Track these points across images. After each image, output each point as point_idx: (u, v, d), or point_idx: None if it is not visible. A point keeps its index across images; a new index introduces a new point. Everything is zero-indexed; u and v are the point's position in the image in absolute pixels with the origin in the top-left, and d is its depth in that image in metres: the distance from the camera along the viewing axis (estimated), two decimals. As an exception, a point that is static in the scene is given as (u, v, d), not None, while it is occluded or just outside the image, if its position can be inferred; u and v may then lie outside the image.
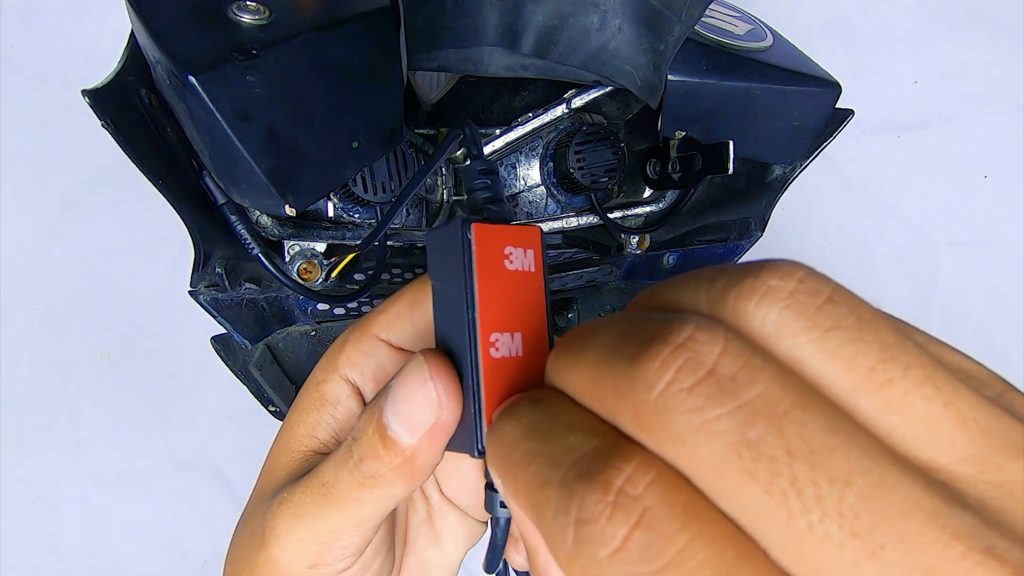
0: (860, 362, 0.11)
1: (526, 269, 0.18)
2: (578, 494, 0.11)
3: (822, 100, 0.32)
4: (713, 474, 0.11)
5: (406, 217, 0.35)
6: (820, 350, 0.11)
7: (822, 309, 0.11)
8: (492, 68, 0.30)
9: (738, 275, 0.12)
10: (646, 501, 0.11)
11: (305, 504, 0.20)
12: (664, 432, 0.11)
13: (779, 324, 0.11)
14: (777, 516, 0.10)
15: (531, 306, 0.19)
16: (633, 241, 0.39)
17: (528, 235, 0.19)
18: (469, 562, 0.26)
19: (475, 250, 0.17)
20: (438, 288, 0.19)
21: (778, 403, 0.11)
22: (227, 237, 0.29)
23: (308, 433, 0.22)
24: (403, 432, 0.18)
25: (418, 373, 0.18)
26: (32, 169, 0.49)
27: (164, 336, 0.50)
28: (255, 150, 0.22)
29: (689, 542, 0.10)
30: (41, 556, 0.49)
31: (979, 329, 0.53)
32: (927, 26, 0.54)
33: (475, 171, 0.20)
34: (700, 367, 0.11)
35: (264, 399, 0.38)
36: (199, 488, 0.50)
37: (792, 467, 0.10)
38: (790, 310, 0.11)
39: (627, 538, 0.11)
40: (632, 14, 0.29)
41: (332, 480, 0.19)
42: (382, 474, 0.18)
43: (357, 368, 0.22)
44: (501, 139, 0.35)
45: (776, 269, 0.12)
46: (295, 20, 0.23)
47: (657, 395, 0.11)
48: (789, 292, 0.11)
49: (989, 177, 0.54)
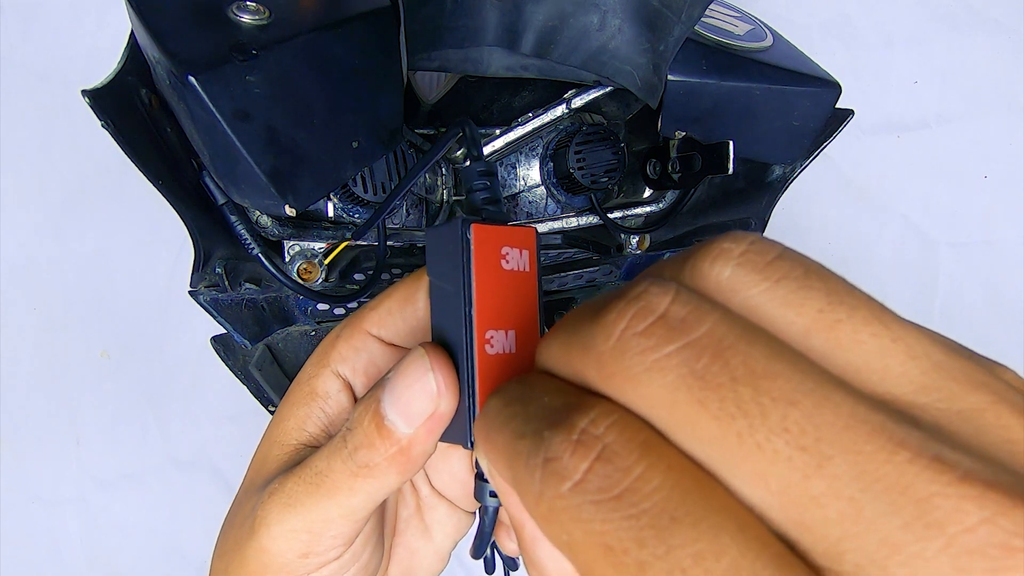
0: (809, 305, 0.12)
1: (521, 269, 0.19)
2: (546, 438, 0.12)
3: (822, 100, 0.32)
4: (667, 409, 0.11)
5: (406, 217, 0.35)
6: (771, 299, 0.12)
7: (771, 264, 0.12)
8: (492, 68, 0.30)
9: (695, 246, 0.13)
10: (606, 439, 0.12)
11: (297, 493, 0.20)
12: (622, 375, 0.12)
13: (732, 279, 0.12)
14: (728, 440, 0.11)
15: (525, 305, 0.19)
16: (633, 241, 0.39)
17: (524, 236, 0.19)
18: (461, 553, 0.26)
19: (474, 249, 0.18)
20: (436, 285, 0.19)
21: (723, 338, 0.11)
22: (227, 237, 0.29)
23: (298, 426, 0.23)
24: (400, 421, 0.18)
25: (419, 364, 0.18)
26: (32, 169, 0.49)
27: (164, 336, 0.50)
28: (255, 150, 0.22)
29: (645, 470, 0.11)
30: (41, 556, 0.49)
31: (979, 329, 0.53)
32: (927, 26, 0.54)
33: (475, 172, 0.20)
34: (652, 314, 0.12)
35: (264, 399, 0.37)
36: (199, 488, 0.50)
37: (737, 391, 0.11)
38: (742, 267, 0.12)
39: (588, 470, 0.11)
40: (632, 14, 0.29)
41: (325, 469, 0.19)
42: (376, 463, 0.19)
43: (348, 363, 0.23)
44: (501, 139, 0.35)
45: (728, 235, 0.13)
46: (295, 20, 0.23)
47: (614, 342, 0.12)
48: (740, 252, 0.12)
49: (989, 177, 0.54)
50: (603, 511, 0.11)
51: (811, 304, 0.12)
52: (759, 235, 0.13)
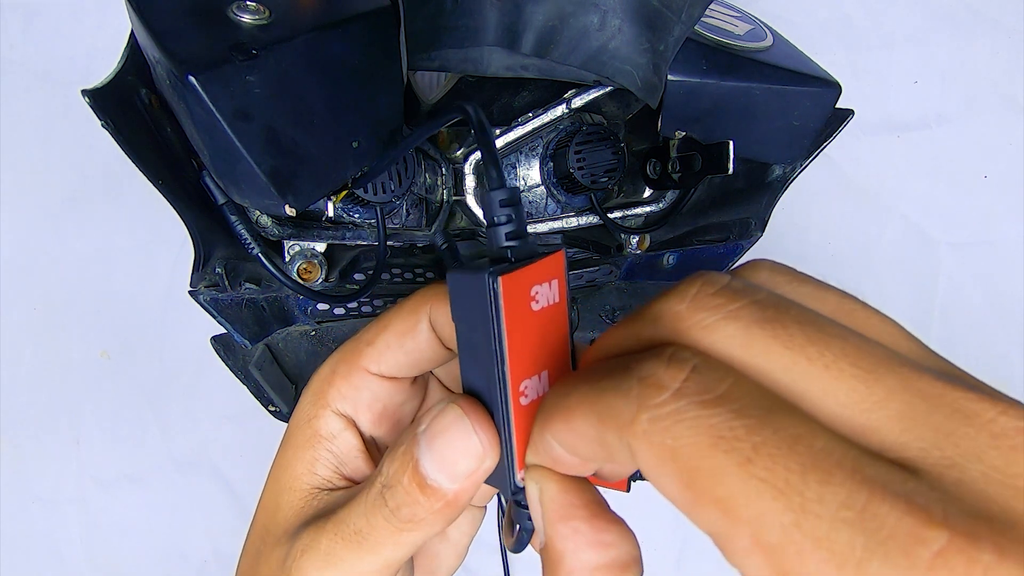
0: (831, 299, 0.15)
1: (551, 303, 0.18)
2: (634, 367, 0.14)
3: (822, 100, 0.32)
4: (743, 346, 0.14)
5: (406, 217, 0.35)
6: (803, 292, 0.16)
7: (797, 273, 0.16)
8: (492, 68, 0.30)
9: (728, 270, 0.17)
10: (695, 360, 0.13)
11: (336, 550, 0.20)
12: (699, 325, 0.14)
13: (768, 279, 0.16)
14: (800, 363, 0.13)
15: (556, 339, 0.18)
16: (633, 241, 0.39)
17: (553, 266, 0.18)
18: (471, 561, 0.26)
19: (503, 303, 0.17)
20: (464, 334, 0.18)
21: (779, 299, 0.14)
22: (227, 237, 0.29)
23: (307, 470, 0.22)
24: (444, 479, 0.18)
25: (460, 426, 0.18)
26: (32, 169, 0.49)
27: (164, 336, 0.50)
28: (255, 150, 0.22)
29: (737, 378, 0.13)
30: (41, 556, 0.49)
31: (979, 329, 0.53)
32: (927, 26, 0.54)
33: (495, 201, 0.18)
34: (717, 284, 0.14)
35: (264, 399, 0.37)
36: (199, 488, 0.50)
37: (803, 327, 0.13)
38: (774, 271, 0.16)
39: (686, 379, 0.13)
40: (632, 14, 0.29)
41: (366, 528, 0.19)
42: (422, 518, 0.19)
43: (349, 401, 0.22)
44: (501, 139, 0.35)
45: (753, 260, 0.17)
46: (295, 20, 0.23)
47: (689, 302, 0.14)
48: (771, 264, 0.16)
49: (989, 177, 0.54)
50: (709, 407, 0.13)
51: (831, 298, 0.15)
52: None
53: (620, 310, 0.47)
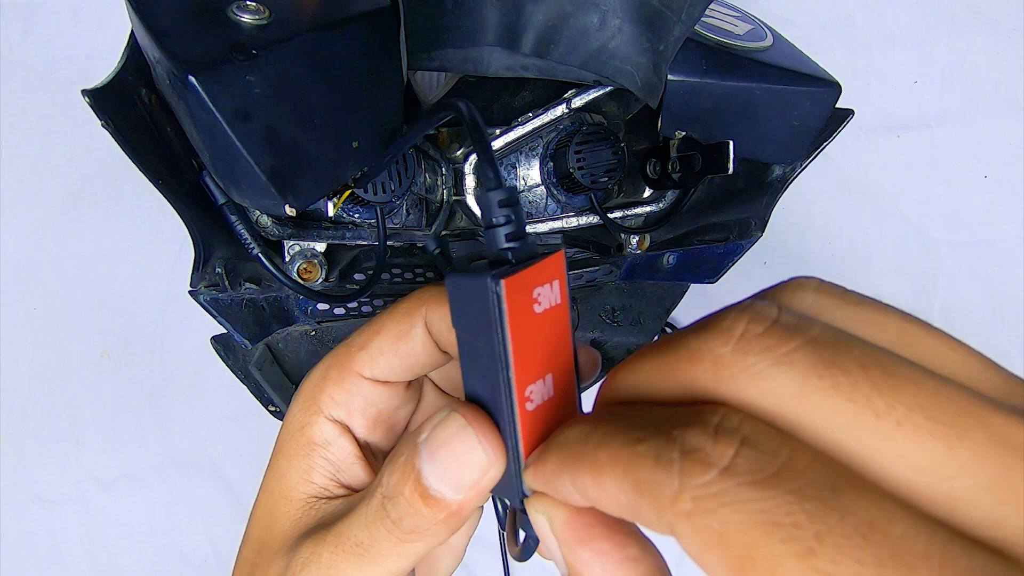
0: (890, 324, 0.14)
1: (553, 304, 0.18)
2: (677, 436, 0.12)
3: (822, 100, 0.32)
4: (798, 399, 0.12)
5: (406, 217, 0.35)
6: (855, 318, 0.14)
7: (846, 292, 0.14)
8: (492, 68, 0.30)
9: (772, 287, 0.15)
10: (744, 431, 0.12)
11: (337, 564, 0.19)
12: (745, 373, 0.12)
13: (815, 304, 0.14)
14: (865, 420, 0.11)
15: (559, 340, 0.18)
16: (633, 241, 0.39)
17: (553, 266, 0.17)
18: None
19: (507, 307, 0.16)
20: (464, 338, 0.18)
21: (838, 336, 0.12)
22: (227, 237, 0.29)
23: (303, 479, 0.22)
24: (447, 490, 0.18)
25: (464, 436, 0.18)
26: (32, 169, 0.49)
27: (164, 336, 0.50)
28: (255, 150, 0.22)
29: (793, 451, 0.11)
30: (41, 556, 0.49)
31: (979, 329, 0.53)
32: (927, 26, 0.54)
33: (493, 202, 0.18)
34: (766, 320, 0.13)
35: (264, 399, 0.37)
36: (199, 488, 0.50)
37: (868, 374, 0.11)
38: (821, 294, 0.14)
39: (736, 455, 0.11)
40: (632, 14, 0.29)
41: (368, 540, 0.19)
42: (425, 529, 0.18)
43: (342, 407, 0.22)
44: (501, 139, 0.35)
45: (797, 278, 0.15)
46: (295, 20, 0.23)
47: (734, 343, 0.13)
48: (816, 284, 0.14)
49: (989, 177, 0.54)
50: (762, 490, 0.11)
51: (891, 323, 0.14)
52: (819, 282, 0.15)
53: (620, 310, 0.47)
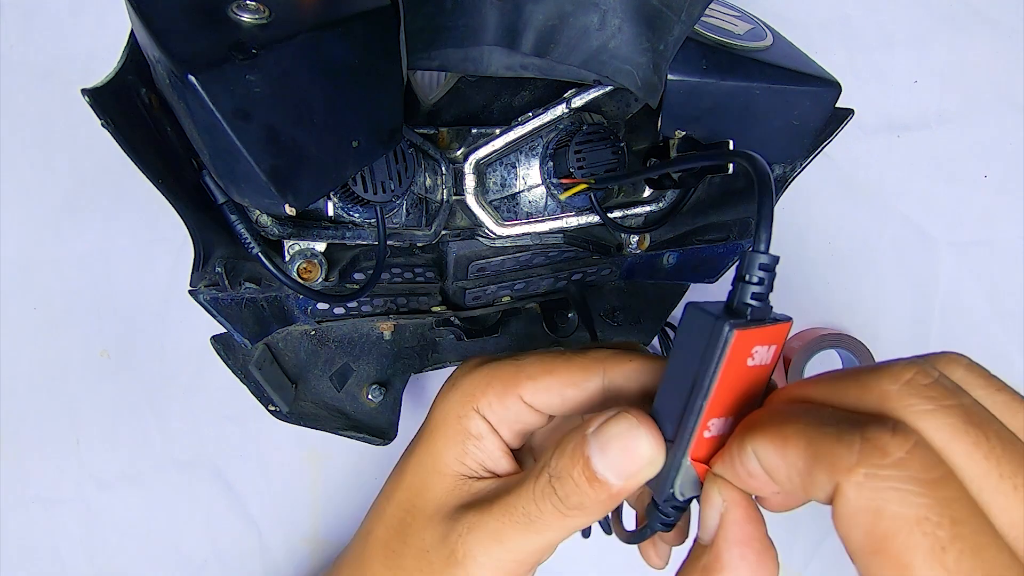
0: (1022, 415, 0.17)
1: (763, 363, 0.20)
2: (862, 423, 0.15)
3: (822, 99, 0.32)
4: (948, 439, 0.15)
5: (406, 217, 0.35)
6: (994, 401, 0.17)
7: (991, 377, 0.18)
8: (492, 67, 0.30)
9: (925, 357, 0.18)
10: (916, 438, 0.15)
11: (504, 530, 0.23)
12: (910, 408, 0.16)
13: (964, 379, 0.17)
14: (991, 475, 0.15)
15: (753, 393, 0.20)
16: (633, 241, 0.39)
17: (777, 333, 0.19)
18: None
19: (728, 353, 0.18)
20: (677, 358, 0.20)
21: (982, 410, 0.16)
22: (227, 236, 0.29)
23: (457, 460, 0.26)
24: (611, 475, 0.21)
25: (633, 433, 0.21)
26: (32, 169, 0.49)
27: (164, 336, 0.50)
28: (255, 150, 0.22)
29: (948, 471, 0.15)
30: (41, 556, 0.49)
31: (979, 329, 0.53)
32: (927, 26, 0.54)
33: (757, 263, 0.19)
34: (930, 376, 0.16)
35: (264, 399, 0.37)
36: (199, 488, 0.50)
37: (1002, 444, 0.15)
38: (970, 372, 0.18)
39: (910, 452, 0.15)
40: (632, 13, 0.29)
41: (535, 512, 0.22)
42: (588, 506, 0.22)
43: (497, 415, 0.25)
44: (501, 139, 0.35)
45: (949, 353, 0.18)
46: (295, 19, 0.23)
47: (902, 385, 0.16)
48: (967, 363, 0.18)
49: (989, 177, 0.54)
50: (923, 487, 0.14)
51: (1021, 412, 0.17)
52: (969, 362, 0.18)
53: (620, 310, 0.47)
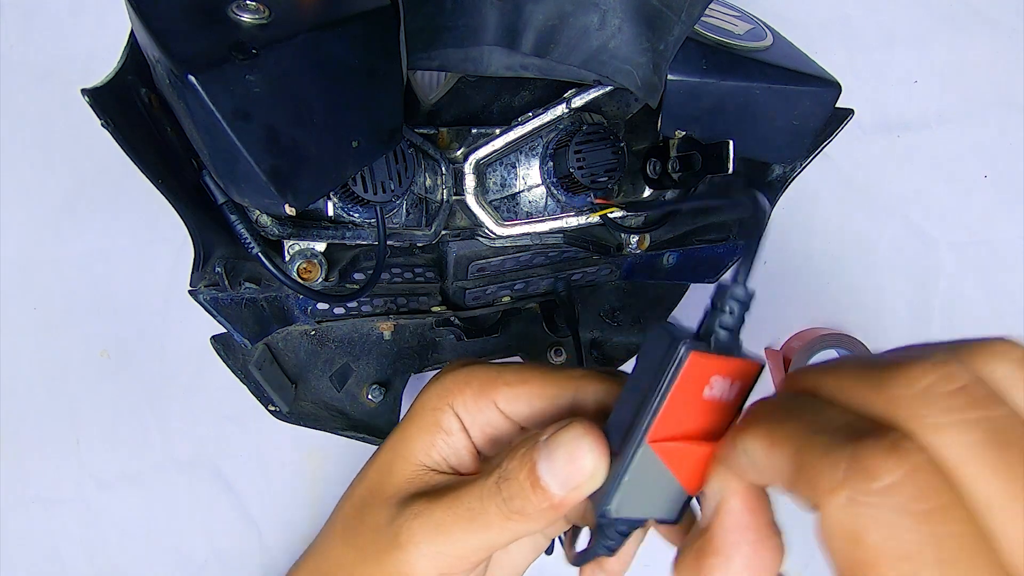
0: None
1: (723, 399, 0.19)
2: (853, 438, 0.13)
3: (822, 99, 0.32)
4: (964, 459, 0.13)
5: (406, 217, 0.35)
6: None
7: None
8: (492, 67, 0.30)
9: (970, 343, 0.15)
10: (915, 459, 0.13)
11: (447, 522, 0.23)
12: (921, 420, 0.13)
13: (1008, 379, 0.14)
14: (1005, 501, 0.13)
15: (709, 428, 0.20)
16: (633, 240, 0.39)
17: (743, 370, 0.19)
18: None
19: (680, 375, 0.18)
20: (638, 371, 0.20)
21: (1016, 425, 0.13)
22: (227, 236, 0.29)
23: (424, 450, 0.26)
24: (554, 484, 0.21)
25: (579, 444, 0.20)
26: (32, 169, 0.49)
27: (164, 336, 0.50)
28: (255, 150, 0.22)
29: (951, 501, 0.12)
30: (41, 556, 0.49)
31: (979, 329, 0.53)
32: (927, 26, 0.54)
33: (730, 295, 0.19)
34: (955, 382, 0.14)
35: (264, 399, 0.38)
36: (199, 488, 0.50)
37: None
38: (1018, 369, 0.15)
39: (905, 476, 0.12)
40: (632, 13, 0.29)
41: (479, 508, 0.22)
42: (528, 512, 0.21)
43: (470, 416, 0.25)
44: (501, 139, 0.35)
45: (1001, 341, 0.15)
46: (295, 19, 0.23)
47: (918, 391, 0.14)
48: (1019, 356, 0.15)
49: (989, 177, 0.54)
50: (912, 519, 0.12)
51: None
52: None
53: (620, 310, 0.47)
